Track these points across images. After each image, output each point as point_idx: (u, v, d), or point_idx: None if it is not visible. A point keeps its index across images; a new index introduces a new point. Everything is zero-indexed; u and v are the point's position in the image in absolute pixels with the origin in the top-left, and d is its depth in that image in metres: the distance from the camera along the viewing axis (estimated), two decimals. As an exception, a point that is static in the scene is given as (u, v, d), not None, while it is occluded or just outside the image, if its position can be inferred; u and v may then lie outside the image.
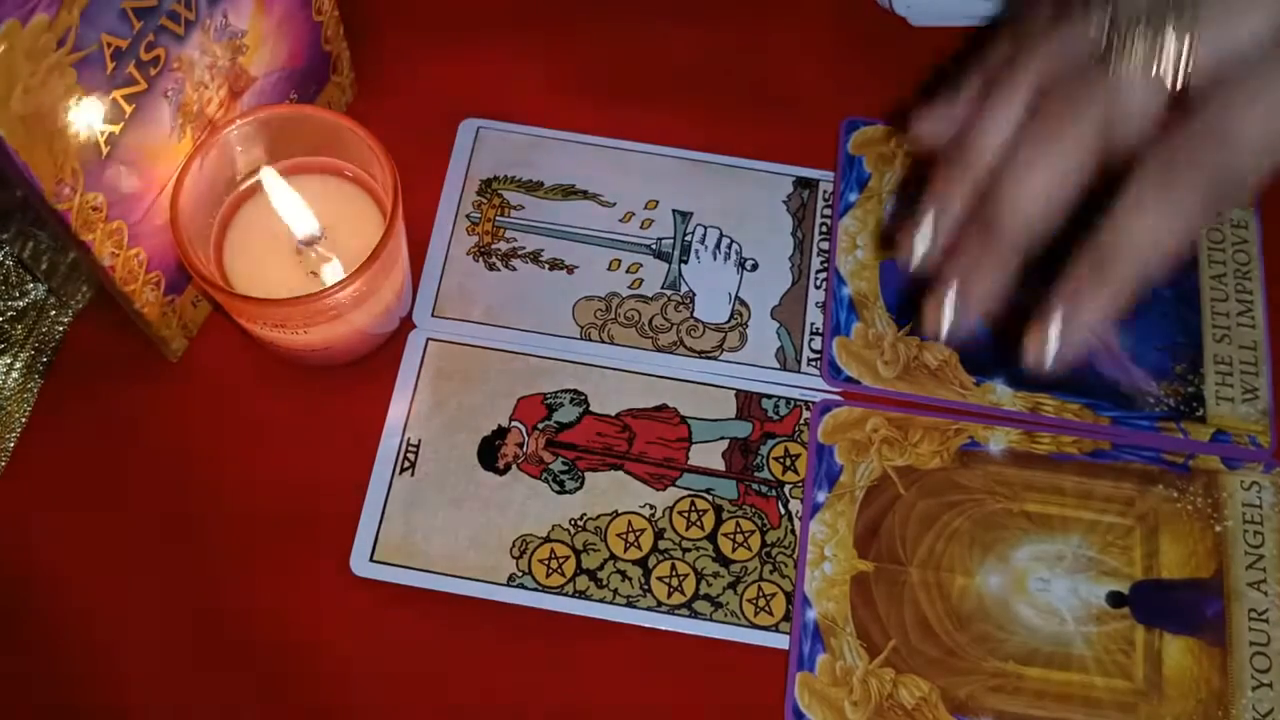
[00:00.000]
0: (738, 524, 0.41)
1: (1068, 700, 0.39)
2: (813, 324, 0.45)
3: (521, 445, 0.42)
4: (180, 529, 0.41)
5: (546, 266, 0.46)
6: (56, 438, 0.42)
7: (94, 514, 0.41)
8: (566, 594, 0.40)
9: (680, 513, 0.42)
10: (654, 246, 0.46)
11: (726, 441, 0.43)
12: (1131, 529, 0.41)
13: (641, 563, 0.41)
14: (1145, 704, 0.39)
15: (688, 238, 0.46)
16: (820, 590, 0.40)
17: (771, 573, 0.41)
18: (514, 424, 0.43)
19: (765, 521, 0.41)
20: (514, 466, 0.42)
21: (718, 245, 0.46)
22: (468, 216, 0.46)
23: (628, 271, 0.46)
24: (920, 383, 0.44)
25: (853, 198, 0.46)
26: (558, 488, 0.42)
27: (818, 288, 0.45)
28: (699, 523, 0.41)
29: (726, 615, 0.40)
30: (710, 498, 0.42)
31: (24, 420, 0.42)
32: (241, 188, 0.41)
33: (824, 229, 0.46)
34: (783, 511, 0.42)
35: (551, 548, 0.41)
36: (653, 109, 0.48)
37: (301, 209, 0.40)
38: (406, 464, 0.42)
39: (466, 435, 0.43)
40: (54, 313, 0.44)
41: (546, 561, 0.41)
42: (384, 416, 0.43)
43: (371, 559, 0.40)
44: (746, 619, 0.40)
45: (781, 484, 0.42)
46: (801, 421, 0.43)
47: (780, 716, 0.39)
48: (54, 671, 0.39)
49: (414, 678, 0.39)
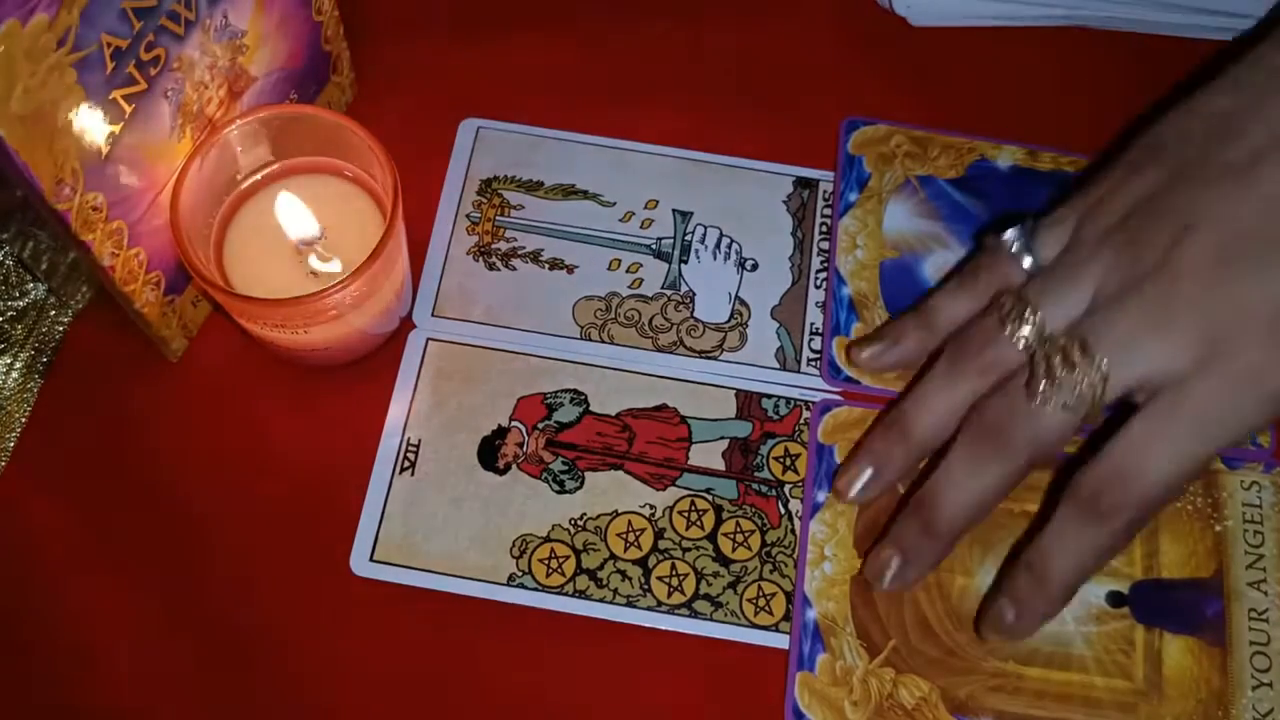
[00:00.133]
0: (738, 524, 0.41)
1: (1068, 700, 0.39)
2: (813, 324, 0.45)
3: (521, 445, 0.42)
4: (180, 529, 0.41)
5: (546, 266, 0.46)
6: (56, 438, 0.42)
7: (94, 514, 0.41)
8: (566, 594, 0.40)
9: (680, 512, 0.42)
10: (654, 246, 0.46)
11: (726, 441, 0.43)
12: (1131, 529, 0.41)
13: (641, 562, 0.41)
14: (1145, 704, 0.39)
15: (688, 238, 0.46)
16: (820, 590, 0.40)
17: (771, 572, 0.41)
18: (514, 424, 0.43)
19: (765, 521, 0.41)
20: (514, 466, 0.42)
21: (718, 245, 0.46)
22: (468, 216, 0.46)
23: (628, 271, 0.46)
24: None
25: (853, 198, 0.46)
26: (558, 488, 0.42)
27: (818, 288, 0.45)
28: (699, 522, 0.41)
29: (726, 615, 0.40)
30: (710, 497, 0.42)
31: (24, 420, 0.42)
32: (241, 188, 0.41)
33: (824, 229, 0.46)
34: (783, 511, 0.42)
35: (551, 547, 0.41)
36: (653, 109, 0.48)
37: (310, 224, 0.40)
38: (406, 464, 0.42)
39: (466, 435, 0.43)
40: (54, 313, 0.44)
41: (546, 561, 0.41)
42: (384, 416, 0.43)
43: (371, 559, 0.40)
44: (746, 619, 0.40)
45: (781, 484, 0.42)
46: (801, 421, 0.43)
47: (780, 716, 0.39)
48: (53, 671, 0.39)
49: (414, 678, 0.39)
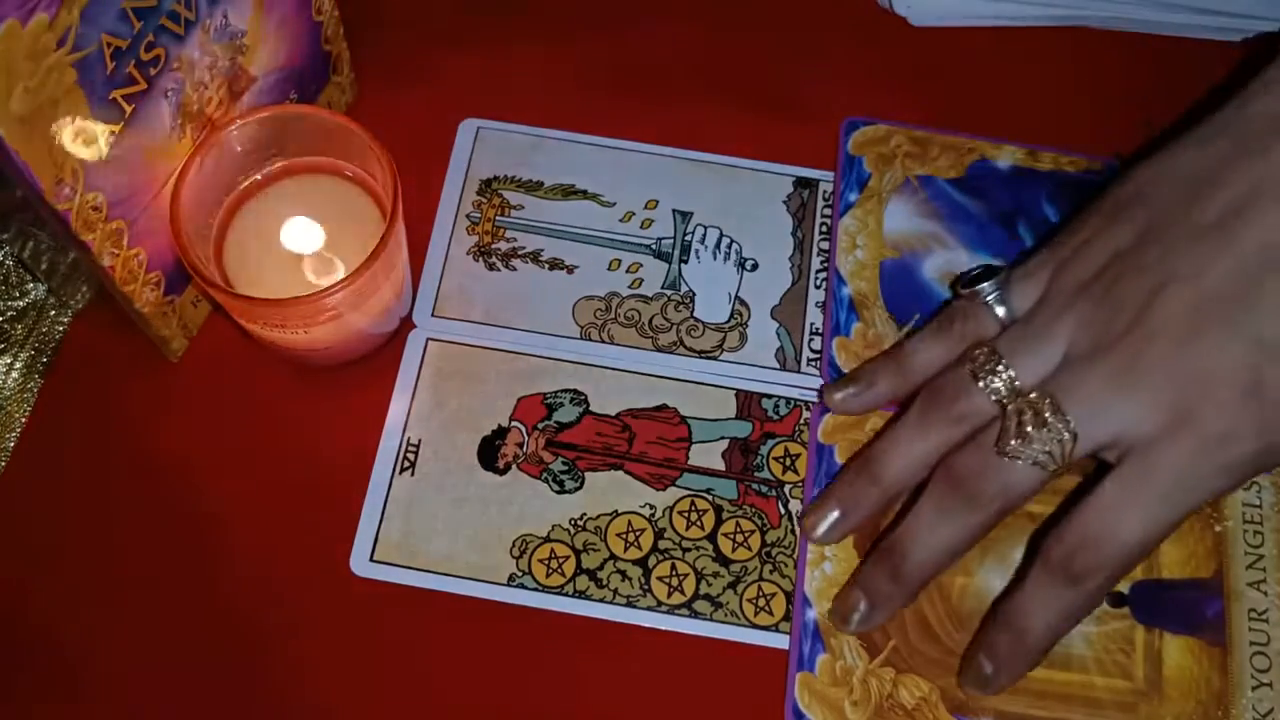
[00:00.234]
0: (738, 524, 0.41)
1: (1068, 700, 0.39)
2: (813, 324, 0.45)
3: (521, 445, 0.42)
4: (180, 529, 0.41)
5: (546, 266, 0.46)
6: (56, 438, 0.42)
7: (94, 514, 0.41)
8: (566, 594, 0.40)
9: (680, 512, 0.42)
10: (654, 246, 0.46)
11: (726, 441, 0.43)
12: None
13: (641, 563, 0.41)
14: (1145, 704, 0.39)
15: (688, 238, 0.46)
16: (820, 590, 0.40)
17: (771, 573, 0.41)
18: (514, 424, 0.43)
19: (765, 521, 0.41)
20: (514, 466, 0.42)
21: (718, 245, 0.46)
22: (468, 216, 0.46)
23: (628, 271, 0.46)
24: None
25: (853, 198, 0.46)
26: (558, 488, 0.42)
27: (818, 288, 0.45)
28: (699, 522, 0.41)
29: (726, 615, 0.40)
30: (710, 497, 0.42)
31: (24, 420, 0.42)
32: (241, 188, 0.41)
33: (824, 229, 0.46)
34: (783, 511, 0.42)
35: (551, 548, 0.41)
36: (652, 109, 0.48)
37: (315, 239, 0.41)
38: (406, 464, 0.42)
39: (466, 435, 0.43)
40: (54, 313, 0.44)
41: (546, 561, 0.41)
42: (384, 416, 0.43)
43: (371, 559, 0.40)
44: (746, 619, 0.40)
45: (781, 484, 0.42)
46: (801, 421, 0.43)
47: (780, 717, 0.39)
48: (53, 671, 0.39)
49: (413, 678, 0.39)
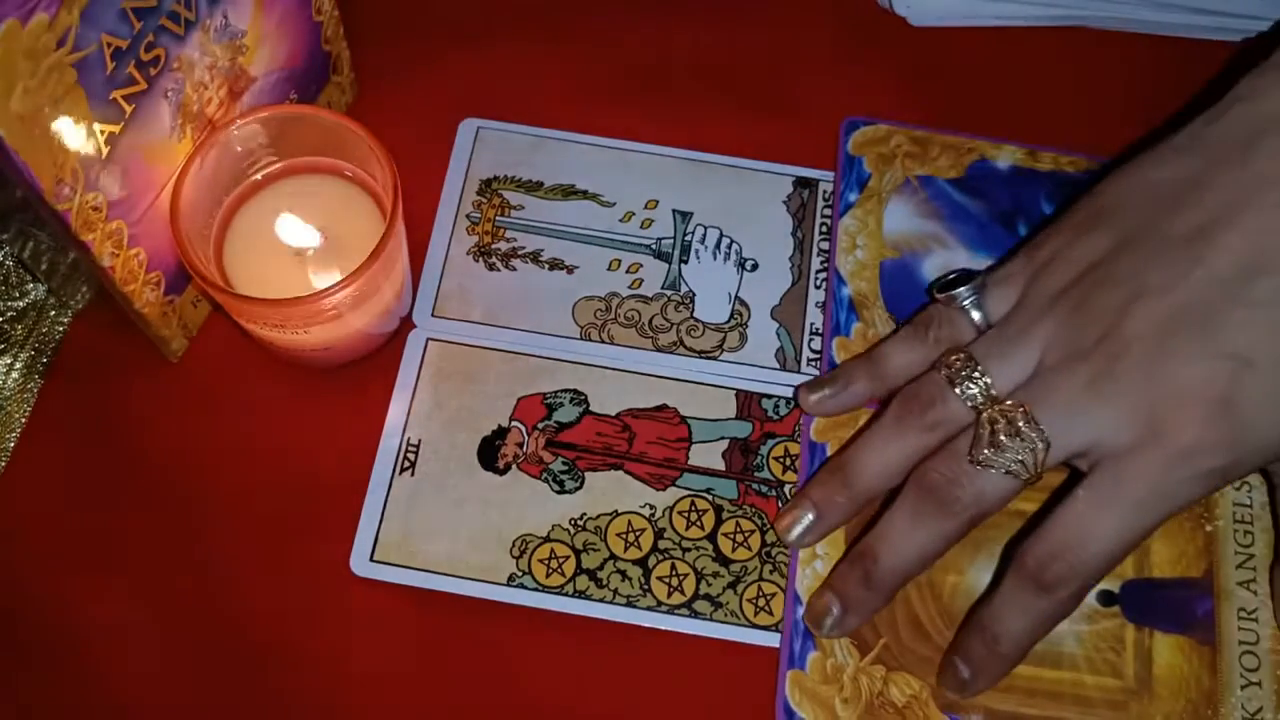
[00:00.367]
0: (738, 524, 0.41)
1: (1059, 698, 0.39)
2: (812, 324, 0.45)
3: (521, 445, 0.42)
4: (180, 529, 0.41)
5: (546, 266, 0.46)
6: (56, 438, 0.42)
7: (94, 514, 0.41)
8: (566, 594, 0.40)
9: (680, 512, 0.42)
10: (654, 246, 0.46)
11: (726, 441, 0.43)
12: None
13: (641, 563, 0.41)
14: (1136, 702, 0.39)
15: (688, 238, 0.46)
16: (811, 588, 0.40)
17: (771, 572, 0.41)
18: (514, 424, 0.43)
19: (765, 521, 0.41)
20: (514, 466, 0.42)
21: (718, 245, 0.46)
22: (468, 216, 0.46)
23: (628, 271, 0.46)
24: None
25: (853, 198, 0.46)
26: (558, 488, 0.42)
27: (818, 288, 0.45)
28: (699, 522, 0.41)
29: (726, 615, 0.40)
30: (710, 497, 0.42)
31: (24, 420, 0.42)
32: (241, 188, 0.41)
33: (824, 229, 0.46)
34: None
35: (551, 548, 0.41)
36: (653, 109, 0.48)
37: (309, 235, 0.40)
38: (406, 464, 0.42)
39: (466, 435, 0.43)
40: (54, 313, 0.44)
41: (546, 561, 0.41)
42: (384, 416, 0.43)
43: (371, 559, 0.40)
44: (746, 619, 0.40)
45: (781, 484, 0.42)
46: (801, 421, 0.43)
47: (771, 714, 0.39)
48: (53, 671, 0.39)
49: (414, 678, 0.39)
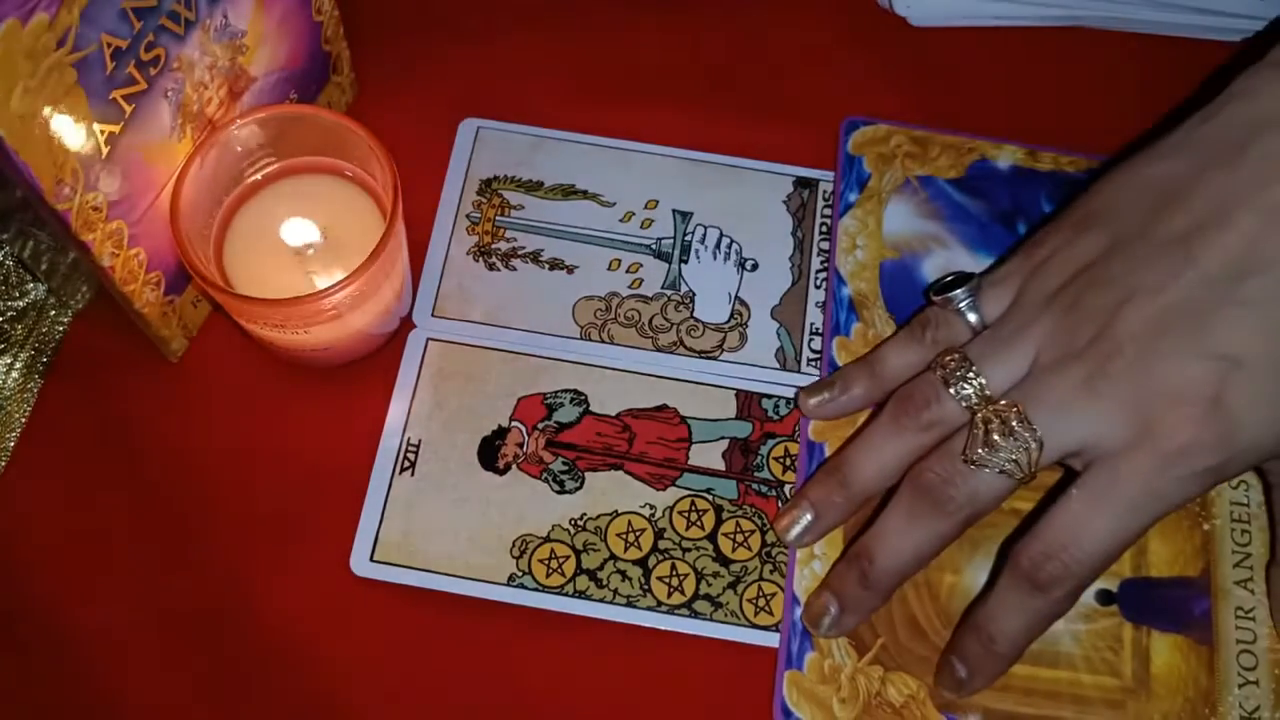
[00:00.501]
0: (738, 524, 0.41)
1: (1056, 698, 0.39)
2: (812, 324, 0.45)
3: (521, 445, 0.42)
4: (180, 529, 0.41)
5: (546, 266, 0.46)
6: (56, 438, 0.42)
7: (93, 514, 0.41)
8: (566, 594, 0.40)
9: (680, 513, 0.42)
10: (654, 246, 0.46)
11: (726, 441, 0.43)
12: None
13: (641, 563, 0.41)
14: (1133, 701, 0.39)
15: (688, 238, 0.46)
16: (809, 588, 0.40)
17: (771, 572, 0.41)
18: (514, 424, 0.43)
19: (765, 521, 0.41)
20: (514, 466, 0.42)
21: (718, 245, 0.46)
22: (468, 216, 0.46)
23: (628, 271, 0.46)
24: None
25: (853, 198, 0.46)
26: (558, 488, 0.42)
27: (818, 288, 0.45)
28: (699, 523, 0.41)
29: (727, 615, 0.40)
30: (710, 497, 0.42)
31: (24, 420, 0.42)
32: (241, 188, 0.41)
33: (824, 229, 0.46)
34: (783, 511, 0.42)
35: (551, 548, 0.41)
36: (653, 109, 0.48)
37: (312, 233, 0.40)
38: (406, 464, 0.42)
39: (466, 435, 0.43)
40: (54, 313, 0.44)
41: (546, 561, 0.41)
42: (384, 416, 0.43)
43: (371, 559, 0.40)
44: (747, 619, 0.40)
45: (781, 484, 0.42)
46: (801, 421, 0.43)
47: (769, 715, 0.39)
48: (53, 671, 0.39)
49: (414, 678, 0.39)
